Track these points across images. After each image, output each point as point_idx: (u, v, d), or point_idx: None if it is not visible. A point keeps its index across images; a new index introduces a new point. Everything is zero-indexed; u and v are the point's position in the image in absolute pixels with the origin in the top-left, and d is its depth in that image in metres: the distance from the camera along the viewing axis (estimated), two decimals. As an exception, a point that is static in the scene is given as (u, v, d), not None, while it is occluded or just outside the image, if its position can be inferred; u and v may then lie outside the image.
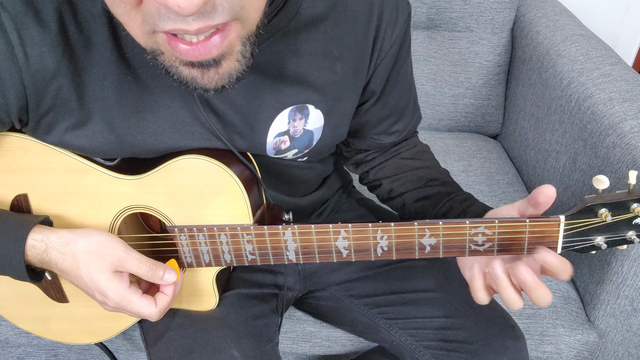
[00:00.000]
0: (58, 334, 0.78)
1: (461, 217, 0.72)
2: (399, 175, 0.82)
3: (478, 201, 0.74)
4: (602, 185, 0.57)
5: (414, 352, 0.80)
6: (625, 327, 0.98)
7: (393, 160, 0.83)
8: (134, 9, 0.44)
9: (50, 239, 0.61)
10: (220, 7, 0.43)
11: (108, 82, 0.59)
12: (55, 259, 0.61)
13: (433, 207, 0.77)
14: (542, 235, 0.60)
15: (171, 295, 0.64)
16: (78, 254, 0.61)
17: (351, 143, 0.83)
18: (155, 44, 0.47)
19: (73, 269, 0.61)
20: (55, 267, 0.62)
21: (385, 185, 0.83)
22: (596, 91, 1.04)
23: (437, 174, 0.80)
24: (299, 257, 0.65)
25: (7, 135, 0.63)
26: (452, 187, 0.78)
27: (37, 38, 0.55)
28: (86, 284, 0.62)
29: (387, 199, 0.84)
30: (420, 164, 0.82)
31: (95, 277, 0.61)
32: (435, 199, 0.77)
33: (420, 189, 0.79)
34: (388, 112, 0.77)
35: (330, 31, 0.64)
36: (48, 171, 0.65)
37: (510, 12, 1.36)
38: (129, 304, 0.62)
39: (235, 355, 0.69)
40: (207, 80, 0.49)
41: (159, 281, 0.63)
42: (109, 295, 0.61)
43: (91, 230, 0.63)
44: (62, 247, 0.61)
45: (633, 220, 0.58)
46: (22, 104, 0.58)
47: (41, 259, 0.62)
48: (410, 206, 0.80)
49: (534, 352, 0.96)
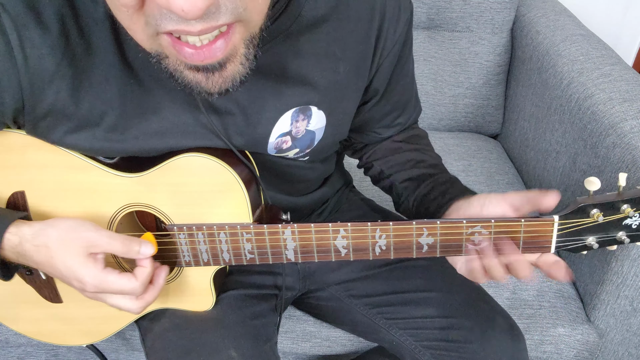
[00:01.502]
0: (51, 335, 0.77)
1: (439, 198, 0.72)
2: (389, 157, 0.82)
3: (459, 184, 0.74)
4: (593, 187, 0.59)
5: (413, 352, 0.80)
6: (625, 327, 0.98)
7: (385, 143, 0.83)
8: (136, 13, 0.44)
9: (23, 231, 0.61)
10: (224, 8, 0.43)
11: (111, 86, 0.59)
12: (30, 251, 0.61)
13: (416, 187, 0.77)
14: (537, 234, 0.61)
15: (149, 267, 0.62)
16: (49, 243, 0.60)
17: (352, 138, 0.84)
18: (160, 47, 0.47)
19: (47, 259, 0.60)
20: (31, 260, 0.61)
21: (376, 166, 0.83)
22: (596, 91, 1.04)
23: (426, 157, 0.81)
24: (298, 256, 0.65)
25: (5, 131, 0.63)
26: (437, 170, 0.79)
27: (37, 40, 0.54)
28: (62, 272, 0.61)
29: (377, 180, 0.85)
30: (412, 147, 0.82)
31: (68, 263, 0.60)
32: (419, 180, 0.78)
33: (408, 170, 0.80)
34: (391, 107, 0.78)
35: (333, 32, 0.64)
36: (46, 168, 0.65)
37: (510, 12, 1.36)
38: (108, 284, 0.60)
39: (232, 356, 0.69)
40: (211, 84, 0.49)
41: (136, 255, 0.62)
42: (85, 280, 0.60)
43: (60, 218, 0.62)
44: (34, 239, 0.60)
45: (623, 221, 0.60)
46: (17, 105, 0.58)
47: (17, 252, 0.61)
48: (397, 187, 0.81)
49: (534, 352, 0.96)
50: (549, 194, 0.58)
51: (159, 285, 0.65)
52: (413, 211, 0.78)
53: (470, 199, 0.66)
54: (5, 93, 0.56)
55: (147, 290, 0.64)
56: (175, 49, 0.46)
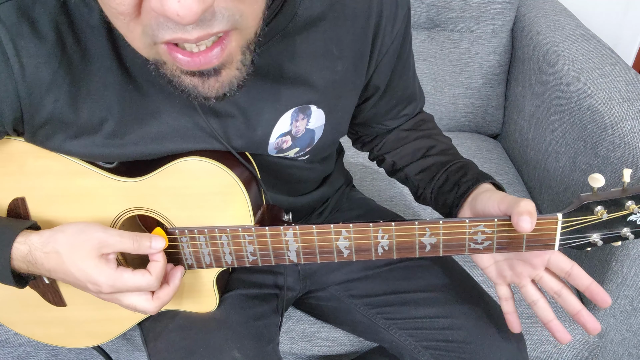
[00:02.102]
0: (56, 338, 0.77)
1: (455, 190, 0.72)
2: (398, 148, 0.82)
3: (473, 169, 0.74)
4: (597, 184, 0.58)
5: (413, 352, 0.80)
6: (625, 327, 0.98)
7: (394, 133, 0.83)
8: (133, 21, 0.44)
9: (32, 240, 0.61)
10: (220, 15, 0.43)
11: (109, 92, 0.59)
12: (40, 259, 0.61)
13: (431, 178, 0.77)
14: (540, 233, 0.61)
15: (162, 260, 0.62)
16: (60, 248, 0.60)
17: (360, 131, 0.84)
18: (157, 55, 0.47)
19: (59, 265, 0.60)
20: (42, 267, 0.61)
21: (388, 159, 0.84)
22: (596, 91, 1.04)
23: (434, 142, 0.81)
24: (300, 258, 0.65)
25: (4, 138, 0.63)
26: (448, 156, 0.79)
27: (33, 49, 0.54)
28: (76, 277, 0.61)
29: (391, 172, 0.85)
30: (419, 134, 0.82)
31: (81, 265, 0.60)
32: (432, 170, 0.78)
33: (419, 161, 0.80)
34: (395, 101, 0.79)
35: (329, 30, 0.64)
36: (46, 174, 0.65)
37: (510, 12, 1.36)
38: (123, 282, 0.60)
39: (236, 357, 0.69)
40: (207, 89, 0.49)
41: (148, 251, 0.62)
42: (100, 281, 0.60)
43: (68, 223, 0.62)
44: (44, 247, 0.61)
45: (627, 217, 0.59)
46: (16, 115, 0.58)
47: (27, 261, 0.61)
48: (412, 179, 0.81)
49: (534, 352, 0.97)
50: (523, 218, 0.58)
51: (175, 286, 0.65)
52: (432, 204, 0.78)
53: (490, 195, 0.66)
54: (3, 104, 0.56)
55: (163, 289, 0.64)
56: (171, 55, 0.46)
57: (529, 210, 0.58)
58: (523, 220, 0.58)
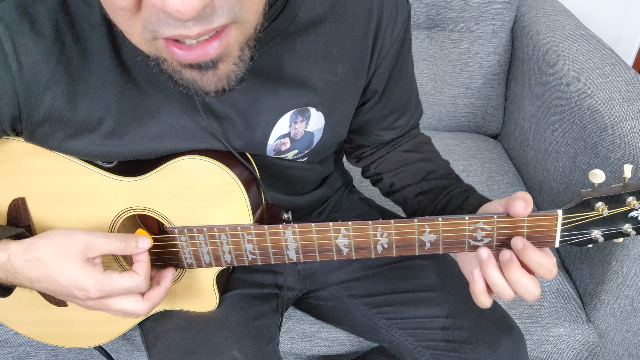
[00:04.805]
0: (57, 338, 0.77)
1: (457, 212, 0.72)
2: (398, 170, 0.82)
3: (475, 194, 0.74)
4: (597, 179, 0.58)
5: (413, 352, 0.80)
6: (625, 327, 0.98)
7: (393, 154, 0.83)
8: (133, 16, 0.44)
9: (12, 248, 0.58)
10: (220, 10, 0.43)
11: (108, 90, 0.59)
12: (20, 267, 0.58)
13: (431, 201, 0.77)
14: (541, 229, 0.60)
15: (146, 259, 0.61)
16: (42, 254, 0.57)
17: (353, 140, 0.83)
18: (157, 51, 0.47)
19: (43, 272, 0.57)
20: (22, 277, 0.58)
21: (386, 179, 0.83)
22: (596, 91, 1.04)
23: (435, 166, 0.80)
24: (300, 256, 0.65)
25: (3, 138, 0.63)
26: (450, 180, 0.78)
27: (31, 46, 0.54)
28: (60, 284, 0.58)
29: (388, 193, 0.85)
30: (420, 157, 0.82)
31: (66, 270, 0.57)
32: (433, 193, 0.77)
33: (420, 183, 0.79)
34: (391, 109, 0.78)
35: (330, 33, 0.64)
36: (46, 174, 0.65)
37: (510, 12, 1.36)
38: (112, 284, 0.58)
39: (236, 356, 0.69)
40: (206, 82, 0.49)
41: (135, 250, 0.60)
42: (88, 286, 0.57)
43: (51, 230, 0.60)
44: (24, 254, 0.58)
45: (629, 213, 0.59)
46: (14, 113, 0.57)
47: (5, 270, 0.58)
48: (410, 201, 0.80)
49: (534, 352, 0.96)
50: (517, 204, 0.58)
51: (166, 287, 0.64)
52: None
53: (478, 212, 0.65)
54: (0, 101, 0.56)
55: (153, 289, 0.63)
56: (168, 49, 0.46)
57: (524, 197, 0.58)
58: (517, 203, 0.58)
